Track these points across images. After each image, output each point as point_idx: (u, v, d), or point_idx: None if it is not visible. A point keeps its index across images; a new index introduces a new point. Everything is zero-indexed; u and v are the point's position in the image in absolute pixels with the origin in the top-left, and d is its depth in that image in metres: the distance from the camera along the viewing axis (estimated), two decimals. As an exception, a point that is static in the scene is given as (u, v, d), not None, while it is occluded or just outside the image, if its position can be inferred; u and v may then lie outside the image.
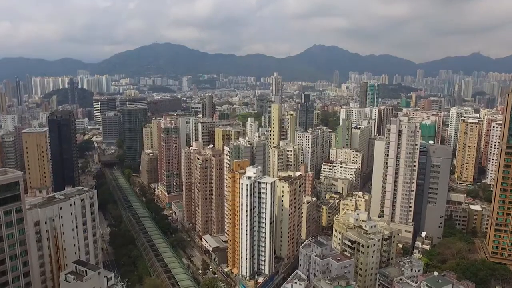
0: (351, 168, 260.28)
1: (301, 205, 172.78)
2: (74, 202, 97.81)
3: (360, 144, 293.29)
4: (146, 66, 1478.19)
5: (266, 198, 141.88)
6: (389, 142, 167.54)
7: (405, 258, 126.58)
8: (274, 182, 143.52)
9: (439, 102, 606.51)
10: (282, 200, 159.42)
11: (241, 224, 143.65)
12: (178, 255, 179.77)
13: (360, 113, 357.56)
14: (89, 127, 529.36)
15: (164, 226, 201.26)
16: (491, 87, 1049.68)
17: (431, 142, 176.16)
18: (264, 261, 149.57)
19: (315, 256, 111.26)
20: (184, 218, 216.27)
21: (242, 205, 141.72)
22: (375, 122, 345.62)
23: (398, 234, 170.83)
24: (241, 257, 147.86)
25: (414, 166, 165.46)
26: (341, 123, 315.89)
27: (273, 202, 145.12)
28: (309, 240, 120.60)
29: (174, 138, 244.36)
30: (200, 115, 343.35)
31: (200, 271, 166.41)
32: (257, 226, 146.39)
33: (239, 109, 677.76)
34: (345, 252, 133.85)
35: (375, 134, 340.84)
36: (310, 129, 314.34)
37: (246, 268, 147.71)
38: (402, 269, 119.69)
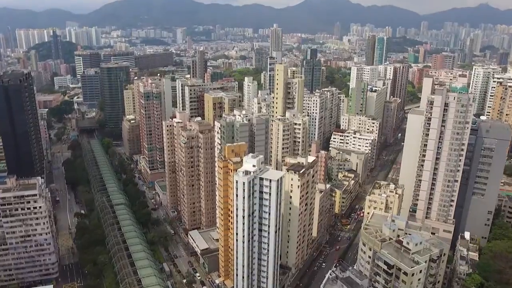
0: (366, 139, 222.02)
1: (313, 198, 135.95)
2: None
3: (375, 109, 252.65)
4: (138, 17, 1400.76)
5: (270, 200, 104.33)
6: (430, 118, 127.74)
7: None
8: (281, 178, 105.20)
9: (453, 58, 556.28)
10: (291, 197, 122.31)
11: (236, 234, 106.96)
12: (159, 257, 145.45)
13: (373, 71, 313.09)
14: (71, 85, 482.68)
15: (143, 216, 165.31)
16: (500, 40, 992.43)
17: (483, 117, 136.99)
18: (267, 279, 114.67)
19: (345, 305, 75.35)
20: (168, 204, 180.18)
21: (237, 209, 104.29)
22: (389, 83, 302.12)
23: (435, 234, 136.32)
24: (236, 274, 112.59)
25: (462, 150, 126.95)
26: (353, 85, 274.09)
27: (279, 204, 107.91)
28: (333, 272, 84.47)
29: (156, 104, 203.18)
30: (188, 76, 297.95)
31: (185, 281, 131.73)
32: (257, 235, 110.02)
33: (235, 64, 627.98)
34: (377, 277, 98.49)
35: (390, 96, 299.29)
36: (317, 90, 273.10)
37: (243, 287, 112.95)
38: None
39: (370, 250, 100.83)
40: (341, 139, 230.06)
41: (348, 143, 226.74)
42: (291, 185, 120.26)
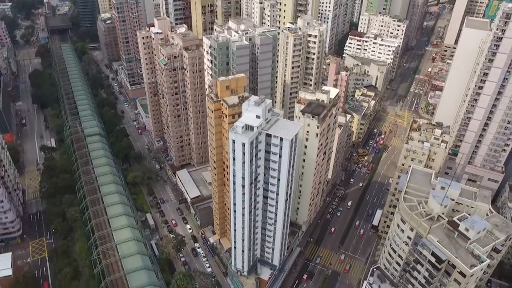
0: (389, 46, 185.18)
1: (333, 141, 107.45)
2: None
3: (401, 6, 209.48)
4: None
5: (280, 164, 76.00)
6: (500, 38, 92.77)
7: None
8: (296, 135, 75.23)
9: None
10: (306, 146, 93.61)
11: (235, 204, 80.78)
12: (143, 204, 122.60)
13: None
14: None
15: (122, 150, 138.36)
16: None
17: None
18: (273, 250, 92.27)
19: None
20: (152, 132, 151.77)
21: (235, 176, 76.51)
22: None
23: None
24: (235, 247, 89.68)
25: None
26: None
27: (292, 166, 79.93)
28: (369, 285, 59.83)
29: (131, 4, 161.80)
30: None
31: (173, 240, 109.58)
32: (262, 202, 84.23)
33: None
34: (417, 265, 75.27)
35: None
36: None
37: (243, 261, 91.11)
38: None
39: (412, 231, 76.12)
40: (358, 45, 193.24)
41: (367, 49, 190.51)
42: (307, 132, 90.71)
